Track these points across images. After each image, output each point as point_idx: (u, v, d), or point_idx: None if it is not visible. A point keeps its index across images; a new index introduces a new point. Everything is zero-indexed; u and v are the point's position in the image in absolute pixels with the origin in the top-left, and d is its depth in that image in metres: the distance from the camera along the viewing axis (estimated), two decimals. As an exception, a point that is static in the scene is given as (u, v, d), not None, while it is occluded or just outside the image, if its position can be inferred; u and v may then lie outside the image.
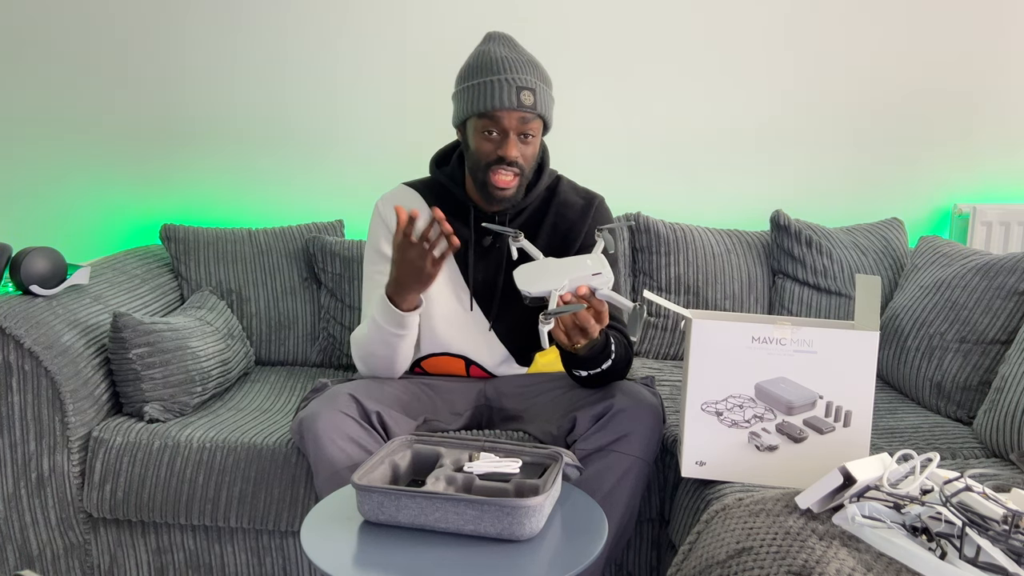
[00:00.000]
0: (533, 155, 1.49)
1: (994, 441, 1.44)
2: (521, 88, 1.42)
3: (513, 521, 1.03)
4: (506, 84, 1.42)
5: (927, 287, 1.78)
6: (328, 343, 2.07)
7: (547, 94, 1.47)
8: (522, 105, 1.42)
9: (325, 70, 2.26)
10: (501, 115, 1.42)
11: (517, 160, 1.45)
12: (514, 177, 1.46)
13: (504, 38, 1.50)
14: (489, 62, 1.44)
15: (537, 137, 1.48)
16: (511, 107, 1.41)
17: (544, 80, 1.48)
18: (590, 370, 1.40)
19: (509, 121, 1.43)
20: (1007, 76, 2.25)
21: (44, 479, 1.60)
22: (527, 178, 1.50)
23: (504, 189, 1.47)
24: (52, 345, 1.58)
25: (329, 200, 2.32)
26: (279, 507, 1.56)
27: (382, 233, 1.58)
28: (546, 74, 1.49)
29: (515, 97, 1.41)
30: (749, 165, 2.30)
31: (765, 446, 1.28)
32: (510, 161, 1.44)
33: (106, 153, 2.32)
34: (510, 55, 1.45)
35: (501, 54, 1.45)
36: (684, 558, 1.12)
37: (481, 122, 1.44)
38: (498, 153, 1.44)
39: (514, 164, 1.45)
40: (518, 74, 1.43)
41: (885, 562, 0.91)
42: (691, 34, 2.23)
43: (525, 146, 1.46)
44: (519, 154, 1.45)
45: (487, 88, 1.42)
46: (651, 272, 2.08)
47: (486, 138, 1.45)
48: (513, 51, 1.47)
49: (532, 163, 1.50)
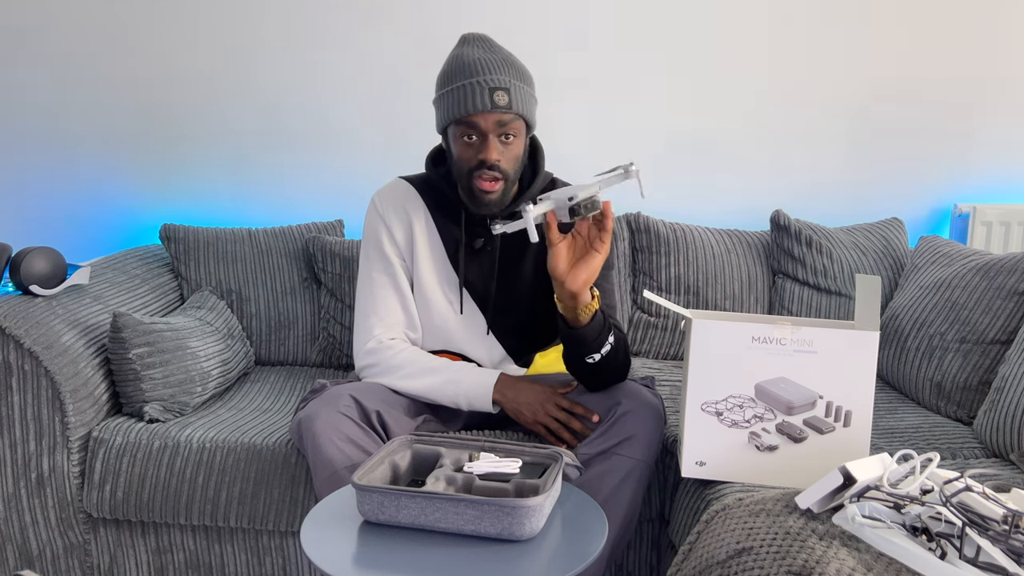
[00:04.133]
0: (516, 156, 1.46)
1: (994, 441, 1.44)
2: (495, 89, 1.39)
3: (513, 521, 1.03)
4: (479, 87, 1.39)
5: (927, 287, 1.78)
6: (328, 343, 2.07)
7: (524, 92, 1.43)
8: (496, 106, 1.39)
9: (325, 70, 2.26)
10: (477, 119, 1.40)
11: (498, 164, 1.42)
12: (497, 181, 1.43)
13: (479, 39, 1.47)
14: (463, 66, 1.42)
15: (519, 137, 1.45)
16: (485, 109, 1.39)
17: (521, 78, 1.44)
18: (598, 351, 1.39)
19: (486, 124, 1.40)
20: (1007, 76, 2.25)
21: (44, 479, 1.60)
22: (513, 181, 1.47)
23: (489, 193, 1.44)
24: (52, 345, 1.58)
25: (329, 200, 2.32)
26: (279, 507, 1.56)
27: (381, 231, 1.57)
28: (524, 71, 1.46)
29: (488, 99, 1.39)
30: (749, 165, 2.30)
31: (765, 446, 1.28)
32: (491, 165, 1.41)
33: (106, 153, 2.32)
34: (484, 56, 1.42)
35: (474, 56, 1.42)
36: (684, 558, 1.12)
37: (460, 128, 1.42)
38: (479, 157, 1.42)
39: (495, 168, 1.42)
40: (491, 75, 1.40)
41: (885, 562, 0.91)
42: (691, 33, 2.23)
43: (506, 147, 1.43)
44: (499, 156, 1.42)
45: (461, 93, 1.40)
46: (651, 272, 2.08)
47: (466, 144, 1.43)
48: (488, 52, 1.44)
49: (516, 164, 1.46)
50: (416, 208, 1.57)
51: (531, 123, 1.47)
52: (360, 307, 1.57)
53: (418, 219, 1.56)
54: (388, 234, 1.56)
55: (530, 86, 1.46)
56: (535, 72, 1.50)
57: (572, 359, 1.44)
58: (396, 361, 1.50)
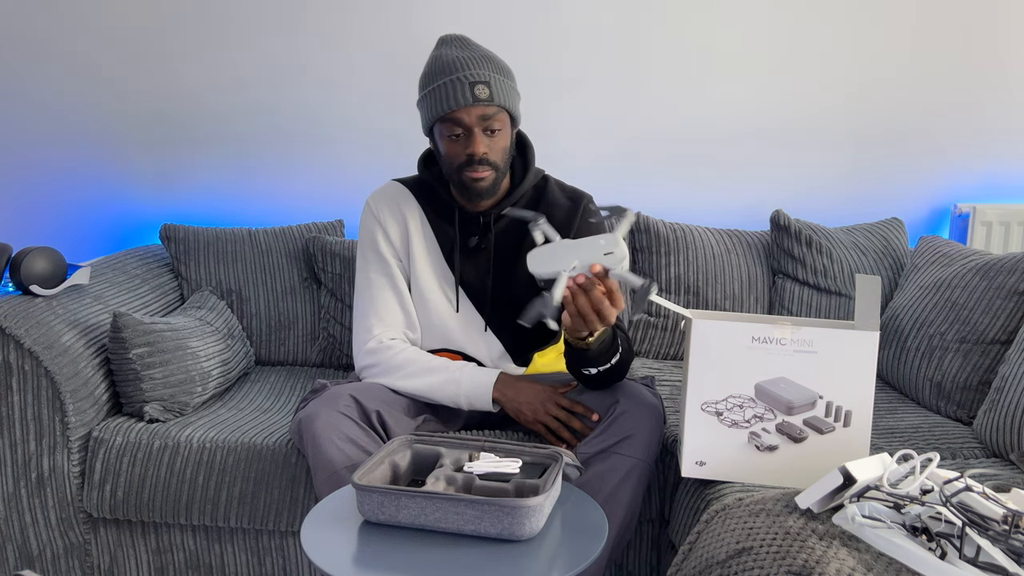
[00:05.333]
0: (504, 148, 1.47)
1: (994, 441, 1.44)
2: (475, 83, 1.41)
3: (513, 521, 1.03)
4: (459, 83, 1.41)
5: (927, 287, 1.78)
6: (328, 343, 2.07)
7: (505, 85, 1.45)
8: (478, 100, 1.40)
9: (325, 69, 2.26)
10: (460, 114, 1.41)
11: (486, 156, 1.43)
12: (487, 170, 1.45)
13: (456, 39, 1.49)
14: (442, 65, 1.44)
15: (504, 130, 1.46)
16: (467, 104, 1.40)
17: (500, 71, 1.45)
18: (599, 367, 1.39)
19: (469, 118, 1.42)
20: (1007, 76, 2.25)
21: (44, 479, 1.60)
22: (503, 172, 1.49)
23: (479, 180, 1.45)
24: (52, 345, 1.58)
25: (329, 200, 2.32)
26: (279, 507, 1.56)
27: (377, 232, 1.57)
28: (503, 66, 1.47)
29: (469, 93, 1.40)
30: (749, 165, 2.30)
31: (765, 446, 1.28)
32: (479, 159, 1.43)
33: (106, 153, 2.32)
34: (462, 54, 1.44)
35: (453, 55, 1.44)
36: (684, 558, 1.12)
37: (444, 126, 1.44)
38: (466, 153, 1.43)
39: (484, 161, 1.43)
40: (471, 70, 1.42)
41: (885, 562, 0.91)
42: (691, 33, 2.23)
43: (492, 140, 1.45)
44: (486, 149, 1.43)
45: (442, 90, 1.42)
46: (651, 272, 2.08)
47: (453, 141, 1.45)
48: (465, 50, 1.46)
49: (505, 156, 1.48)
50: (411, 208, 1.58)
51: (515, 116, 1.48)
52: (359, 308, 1.58)
53: (413, 219, 1.57)
54: (384, 234, 1.57)
55: (511, 79, 1.48)
56: (536, 71, 1.51)
57: (571, 364, 1.45)
58: (396, 361, 1.50)
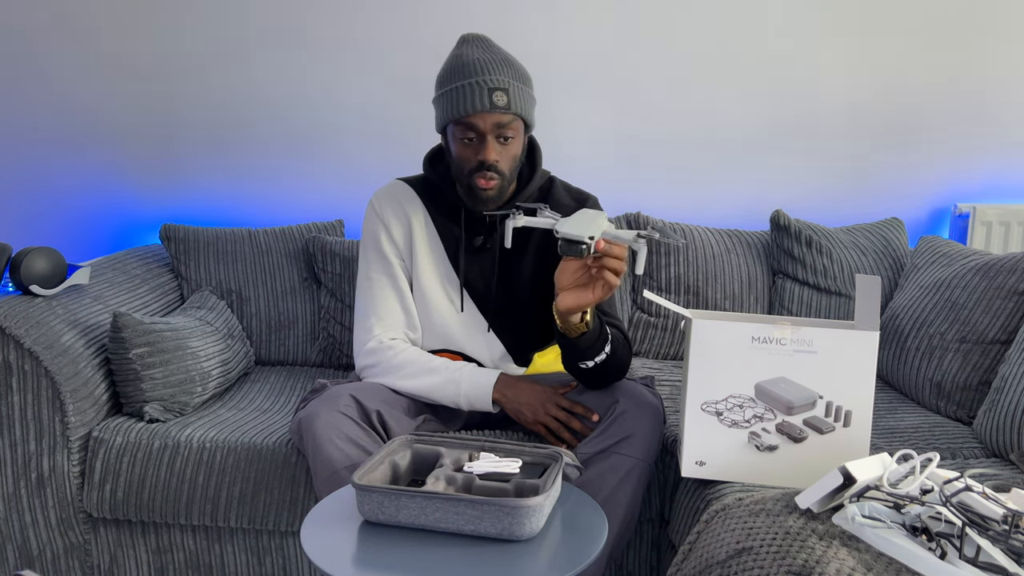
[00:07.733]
0: (515, 156, 1.47)
1: (994, 441, 1.44)
2: (493, 89, 1.40)
3: (513, 521, 1.03)
4: (478, 87, 1.40)
5: (927, 287, 1.78)
6: (328, 343, 2.07)
7: (523, 92, 1.45)
8: (495, 107, 1.40)
9: (325, 69, 2.26)
10: (475, 120, 1.41)
11: (496, 165, 1.43)
12: (493, 180, 1.45)
13: (478, 39, 1.49)
14: (462, 66, 1.43)
15: (517, 137, 1.46)
16: (484, 110, 1.40)
17: (519, 78, 1.45)
18: (593, 358, 1.39)
19: (485, 125, 1.41)
20: (1007, 75, 2.25)
21: (44, 479, 1.60)
22: (510, 180, 1.49)
23: (486, 190, 1.46)
24: (52, 345, 1.58)
25: (329, 200, 2.32)
26: (279, 507, 1.56)
27: (379, 231, 1.57)
28: (523, 72, 1.47)
29: (487, 99, 1.40)
30: (749, 165, 2.30)
31: (765, 446, 1.28)
32: (490, 166, 1.43)
33: (106, 153, 2.32)
34: (483, 56, 1.43)
35: (473, 56, 1.43)
36: (684, 558, 1.12)
37: (459, 128, 1.43)
38: (478, 158, 1.43)
39: (493, 168, 1.43)
40: (490, 75, 1.41)
41: (885, 562, 0.91)
42: (691, 33, 2.23)
43: (505, 148, 1.44)
44: (498, 157, 1.43)
45: (460, 93, 1.41)
46: (651, 272, 2.08)
47: (465, 144, 1.44)
48: (487, 52, 1.45)
49: (514, 164, 1.48)
50: (415, 208, 1.57)
51: (530, 123, 1.48)
52: (360, 307, 1.58)
53: (417, 219, 1.57)
54: (387, 234, 1.57)
55: (528, 86, 1.47)
56: (536, 71, 1.51)
57: (567, 360, 1.45)
58: (397, 361, 1.50)
